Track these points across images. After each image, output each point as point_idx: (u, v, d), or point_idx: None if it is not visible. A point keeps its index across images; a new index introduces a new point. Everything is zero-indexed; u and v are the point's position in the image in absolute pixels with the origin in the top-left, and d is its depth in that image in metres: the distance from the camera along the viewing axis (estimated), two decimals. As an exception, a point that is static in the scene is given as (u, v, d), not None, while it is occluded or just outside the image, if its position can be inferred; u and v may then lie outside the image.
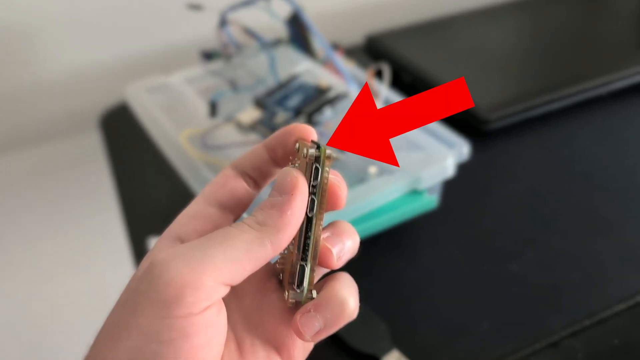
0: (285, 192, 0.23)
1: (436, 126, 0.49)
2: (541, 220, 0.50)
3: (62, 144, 0.83)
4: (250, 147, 0.32)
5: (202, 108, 0.53)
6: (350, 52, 0.73)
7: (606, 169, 0.56)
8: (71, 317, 0.86)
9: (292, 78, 0.46)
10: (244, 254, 0.22)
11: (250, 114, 0.45)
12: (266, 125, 0.44)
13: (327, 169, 0.24)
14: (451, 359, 0.39)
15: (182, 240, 0.25)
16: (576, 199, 0.53)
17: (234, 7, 0.56)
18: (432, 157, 0.44)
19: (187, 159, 0.47)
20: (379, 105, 0.53)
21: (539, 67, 0.67)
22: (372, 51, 0.75)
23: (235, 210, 0.26)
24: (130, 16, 0.77)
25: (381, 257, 0.47)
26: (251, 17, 0.54)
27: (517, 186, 0.54)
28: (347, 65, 0.61)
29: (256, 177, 0.26)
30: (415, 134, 0.51)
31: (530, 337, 0.40)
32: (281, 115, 0.44)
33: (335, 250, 0.24)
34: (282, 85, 0.46)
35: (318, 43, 0.63)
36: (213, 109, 0.51)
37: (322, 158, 0.24)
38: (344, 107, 0.45)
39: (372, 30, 0.78)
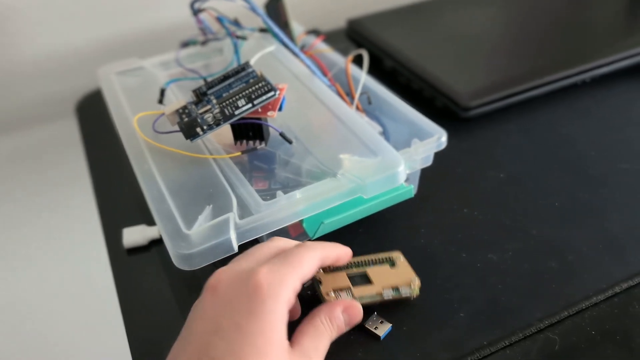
0: (349, 325, 0.38)
1: (415, 114, 0.48)
2: (521, 208, 0.50)
3: (40, 129, 0.82)
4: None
5: (170, 93, 0.51)
6: (333, 38, 0.72)
7: (588, 156, 0.55)
8: (49, 302, 0.86)
9: (243, 67, 0.44)
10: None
11: (174, 105, 0.44)
12: (188, 116, 0.43)
13: None
14: (427, 349, 0.39)
15: None
16: (557, 186, 0.52)
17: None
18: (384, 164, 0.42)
19: (137, 141, 0.46)
20: (358, 91, 0.52)
21: (520, 53, 0.66)
22: (354, 36, 0.74)
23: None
24: (111, 0, 0.75)
25: (359, 247, 0.46)
26: (232, 5, 0.53)
27: (498, 173, 0.54)
28: (327, 51, 0.59)
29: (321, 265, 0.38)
30: (390, 125, 0.50)
31: (507, 328, 0.40)
32: (205, 108, 0.43)
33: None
34: (227, 76, 0.44)
35: (296, 29, 0.61)
36: (161, 95, 0.50)
37: None
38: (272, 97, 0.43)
39: (355, 15, 0.76)
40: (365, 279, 0.41)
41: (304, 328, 0.36)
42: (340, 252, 0.39)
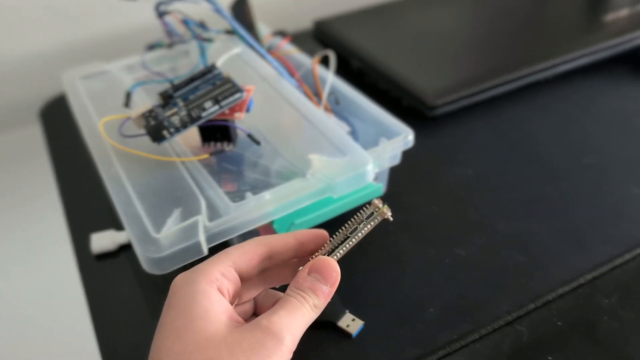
0: (330, 284, 0.34)
1: (382, 114, 0.49)
2: (487, 203, 0.51)
3: (3, 136, 0.80)
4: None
5: (136, 97, 0.51)
6: (299, 39, 0.72)
7: (552, 151, 0.57)
8: (15, 311, 0.84)
9: (209, 69, 0.44)
10: (306, 325, 0.33)
11: (141, 108, 0.43)
12: (154, 119, 0.42)
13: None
14: (398, 345, 0.39)
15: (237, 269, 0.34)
16: (522, 181, 0.53)
17: (167, 1, 0.54)
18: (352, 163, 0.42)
19: (103, 146, 0.46)
20: (326, 91, 0.52)
21: (484, 52, 0.68)
22: (320, 37, 0.74)
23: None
24: (76, 4, 0.74)
25: (329, 247, 0.46)
26: (199, 7, 0.53)
27: (464, 170, 0.55)
28: (294, 52, 0.60)
29: (275, 257, 0.36)
30: (358, 125, 0.50)
31: (476, 322, 0.41)
32: (172, 110, 0.43)
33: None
34: (193, 78, 0.44)
35: (263, 30, 0.61)
36: (127, 99, 0.49)
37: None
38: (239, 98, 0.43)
39: (321, 16, 0.76)
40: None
41: (272, 308, 0.33)
42: (302, 235, 0.36)
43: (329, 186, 0.41)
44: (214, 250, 0.38)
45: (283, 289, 0.35)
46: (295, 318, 0.32)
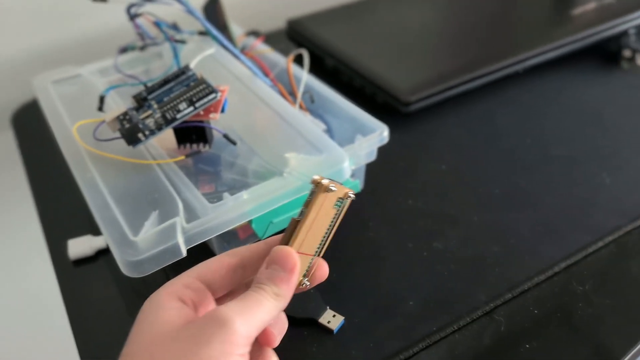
0: (287, 270, 0.32)
1: (357, 111, 0.49)
2: (462, 197, 0.51)
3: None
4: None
5: (110, 100, 0.51)
6: (273, 38, 0.72)
7: (523, 144, 0.58)
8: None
9: (183, 70, 0.44)
10: (269, 318, 0.31)
11: (114, 112, 0.43)
12: (129, 122, 0.42)
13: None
14: (378, 339, 0.40)
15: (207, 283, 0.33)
16: (495, 174, 0.54)
17: (138, 3, 0.54)
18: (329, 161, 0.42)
19: (77, 150, 0.45)
20: (300, 90, 0.52)
21: (456, 48, 0.69)
22: (294, 36, 0.75)
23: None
24: (45, 8, 0.73)
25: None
26: (171, 9, 0.52)
27: (439, 165, 0.55)
28: (268, 52, 0.60)
29: (248, 265, 0.34)
30: (334, 122, 0.51)
31: (455, 313, 0.41)
32: (146, 113, 0.42)
33: None
34: (167, 80, 0.44)
35: (236, 31, 0.61)
36: (101, 102, 0.49)
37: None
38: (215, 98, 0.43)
39: (294, 15, 0.77)
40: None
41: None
42: (274, 241, 0.35)
43: (307, 184, 0.41)
44: (192, 252, 0.38)
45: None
46: (248, 305, 0.30)
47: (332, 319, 0.41)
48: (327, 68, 0.69)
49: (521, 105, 0.64)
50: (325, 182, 0.34)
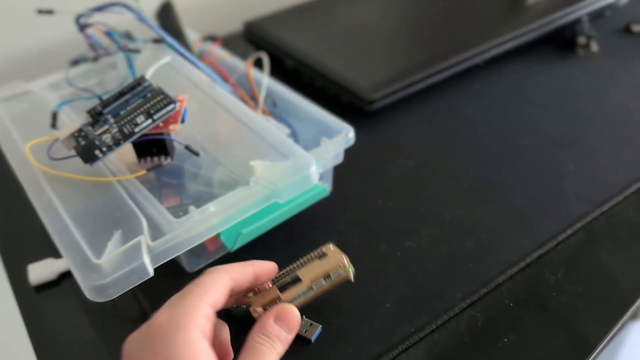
0: (292, 333, 0.35)
1: (321, 113, 0.48)
2: (432, 193, 0.51)
3: None
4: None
5: (63, 116, 0.49)
6: (230, 42, 0.71)
7: (490, 135, 0.58)
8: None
9: (139, 81, 0.43)
10: None
11: (69, 128, 0.41)
12: (84, 139, 0.40)
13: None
14: (357, 344, 0.39)
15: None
16: (463, 168, 0.54)
17: (87, 14, 0.52)
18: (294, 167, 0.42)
19: (31, 171, 0.43)
20: (262, 94, 0.51)
21: (416, 43, 0.68)
22: (252, 39, 0.73)
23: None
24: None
25: (279, 251, 0.46)
26: (123, 17, 0.50)
27: (406, 162, 0.55)
28: (226, 57, 0.58)
29: (235, 288, 0.36)
30: (298, 126, 0.50)
31: (432, 312, 0.41)
32: (103, 128, 0.41)
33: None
34: (122, 92, 0.42)
35: (192, 36, 0.60)
36: (54, 119, 0.46)
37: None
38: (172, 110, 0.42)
39: (250, 17, 0.75)
40: (297, 282, 0.39)
41: (241, 355, 0.33)
42: (258, 268, 0.37)
43: (274, 192, 0.40)
44: (160, 270, 0.37)
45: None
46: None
47: (309, 328, 0.40)
48: (287, 69, 0.68)
49: (484, 96, 0.64)
50: (344, 262, 0.39)
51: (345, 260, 0.39)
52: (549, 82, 0.66)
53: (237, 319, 0.40)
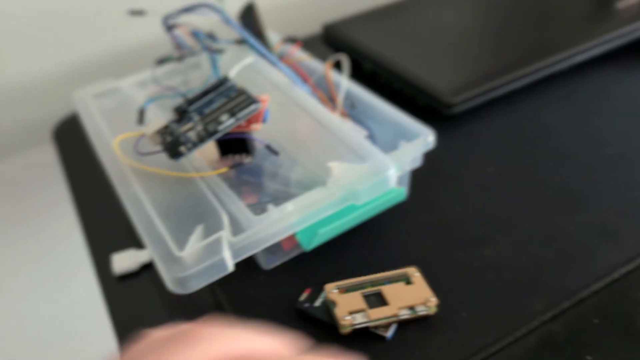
0: None
1: (400, 115, 0.48)
2: (512, 201, 0.50)
3: (16, 158, 0.80)
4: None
5: (149, 113, 0.50)
6: (309, 44, 0.71)
7: (573, 143, 0.55)
8: (41, 335, 0.84)
9: (222, 81, 0.44)
10: None
11: (155, 125, 0.43)
12: (170, 135, 0.42)
13: None
14: (432, 353, 0.38)
15: None
16: (546, 176, 0.52)
17: (174, 14, 0.54)
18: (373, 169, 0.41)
19: (119, 165, 0.45)
20: (341, 96, 0.51)
21: (498, 47, 0.67)
22: (331, 41, 0.74)
23: None
24: (82, 22, 0.74)
25: (353, 255, 0.45)
26: (207, 18, 0.52)
27: (486, 169, 0.54)
28: (305, 59, 0.59)
29: None
30: (376, 128, 0.50)
31: (510, 324, 0.40)
32: (188, 125, 0.42)
33: None
34: (207, 91, 0.43)
35: (273, 38, 0.61)
36: (141, 116, 0.48)
37: None
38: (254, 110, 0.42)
39: (330, 19, 0.76)
40: (381, 299, 0.40)
41: None
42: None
43: (351, 194, 0.40)
44: (239, 265, 0.38)
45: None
46: None
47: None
48: (365, 72, 0.68)
49: (568, 104, 0.61)
50: (432, 300, 0.40)
51: (434, 299, 0.40)
52: (637, 90, 0.62)
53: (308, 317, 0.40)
